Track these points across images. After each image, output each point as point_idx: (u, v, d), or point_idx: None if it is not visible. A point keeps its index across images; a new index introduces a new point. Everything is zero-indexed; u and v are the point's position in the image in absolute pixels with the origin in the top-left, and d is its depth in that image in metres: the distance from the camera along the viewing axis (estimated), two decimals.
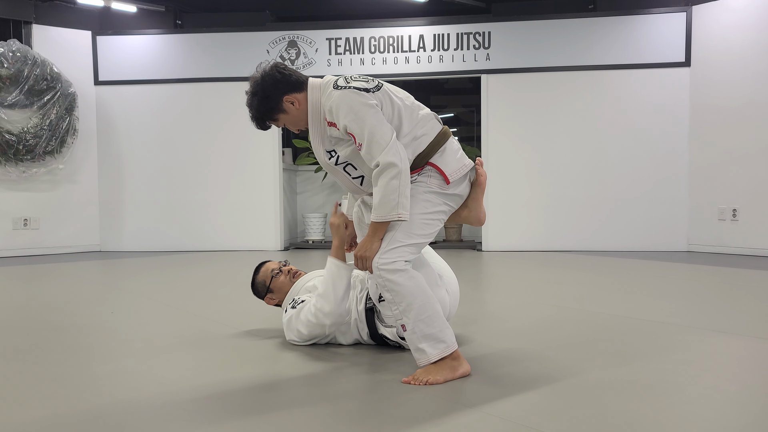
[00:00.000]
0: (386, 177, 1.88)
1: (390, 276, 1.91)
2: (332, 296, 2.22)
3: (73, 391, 1.89)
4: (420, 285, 1.94)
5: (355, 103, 1.92)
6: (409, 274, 1.94)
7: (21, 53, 5.94)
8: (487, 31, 6.26)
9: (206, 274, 4.73)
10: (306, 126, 2.08)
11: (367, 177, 2.06)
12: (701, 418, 1.61)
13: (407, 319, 1.93)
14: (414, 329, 1.93)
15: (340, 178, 2.12)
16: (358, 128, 1.91)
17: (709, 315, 2.95)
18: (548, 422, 1.57)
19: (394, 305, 1.94)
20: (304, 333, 2.31)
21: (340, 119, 1.94)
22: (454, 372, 1.94)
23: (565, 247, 6.20)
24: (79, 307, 3.40)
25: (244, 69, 6.50)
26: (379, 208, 1.89)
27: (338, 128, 1.96)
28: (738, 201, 5.68)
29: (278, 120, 2.06)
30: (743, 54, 5.61)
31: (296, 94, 2.02)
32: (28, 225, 6.28)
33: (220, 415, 1.66)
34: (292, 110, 2.03)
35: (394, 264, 1.92)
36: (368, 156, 1.91)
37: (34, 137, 6.02)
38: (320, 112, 2.02)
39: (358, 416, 1.65)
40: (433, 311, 1.95)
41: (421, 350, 1.94)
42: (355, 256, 1.98)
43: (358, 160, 2.03)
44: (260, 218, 6.59)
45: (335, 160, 2.05)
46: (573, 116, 6.20)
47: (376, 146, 1.89)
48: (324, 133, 2.04)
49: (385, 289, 1.94)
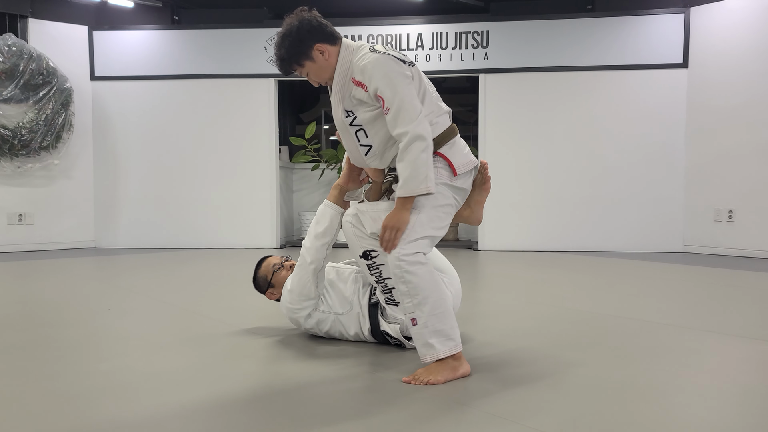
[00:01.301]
0: (416, 150, 1.89)
1: (410, 268, 1.90)
2: (312, 230, 2.28)
3: (69, 388, 1.87)
4: (437, 280, 1.95)
5: (392, 69, 1.93)
6: (429, 268, 1.94)
7: (17, 47, 5.89)
8: (486, 31, 6.26)
9: (202, 272, 4.71)
10: (328, 81, 2.06)
11: (375, 149, 2.05)
12: (701, 420, 1.61)
13: (420, 313, 1.92)
14: (426, 323, 1.92)
15: (348, 141, 2.10)
16: (390, 93, 1.91)
17: (706, 316, 2.96)
18: (548, 422, 1.57)
19: (408, 297, 1.92)
20: (291, 288, 2.32)
21: (372, 81, 1.93)
22: (455, 372, 1.93)
23: (562, 247, 6.21)
24: (74, 303, 3.38)
25: (241, 66, 6.49)
26: (410, 181, 1.89)
27: (366, 90, 1.95)
28: (734, 202, 5.70)
29: (303, 67, 2.02)
30: (741, 55, 5.63)
31: (328, 46, 2.01)
32: (22, 220, 6.24)
33: (219, 413, 1.65)
34: (320, 60, 2.01)
35: (415, 256, 1.91)
36: (394, 122, 1.91)
37: (29, 132, 5.98)
38: (348, 71, 2.01)
39: (359, 415, 1.64)
40: (446, 308, 1.95)
41: (430, 345, 1.92)
42: (384, 227, 1.93)
43: (373, 129, 2.02)
44: (256, 216, 6.57)
45: (351, 120, 2.04)
46: (570, 116, 6.20)
47: (406, 115, 1.90)
48: (346, 92, 2.02)
49: (401, 280, 1.91)
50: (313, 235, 2.28)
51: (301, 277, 2.29)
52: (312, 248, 2.27)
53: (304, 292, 2.31)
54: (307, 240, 2.31)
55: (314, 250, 2.27)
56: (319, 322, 2.37)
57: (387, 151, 2.06)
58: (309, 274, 2.28)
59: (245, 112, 6.53)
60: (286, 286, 2.36)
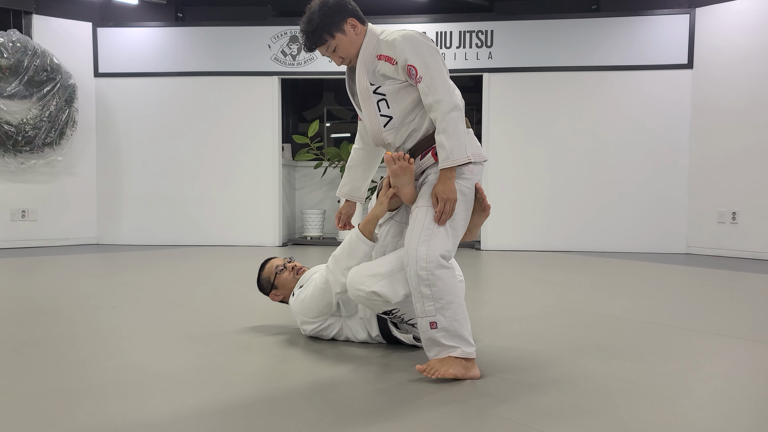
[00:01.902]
0: (455, 119, 1.92)
1: (437, 271, 1.90)
2: (343, 263, 2.16)
3: (77, 387, 1.87)
4: (458, 285, 1.95)
5: (423, 44, 1.96)
6: (453, 273, 1.94)
7: (21, 44, 5.89)
8: (490, 30, 6.25)
9: (206, 269, 4.71)
10: (352, 58, 2.06)
11: (395, 121, 2.05)
12: (712, 425, 1.61)
13: (441, 317, 1.91)
14: (447, 327, 1.92)
15: (369, 109, 2.08)
16: (422, 63, 1.93)
17: (712, 318, 2.96)
18: (556, 425, 1.57)
19: (431, 301, 1.91)
20: (310, 304, 2.27)
21: (403, 52, 1.95)
22: (466, 371, 1.93)
23: (565, 247, 6.21)
24: (78, 300, 3.38)
25: (245, 63, 6.49)
26: (455, 151, 1.90)
27: (394, 63, 1.97)
28: (738, 204, 5.70)
29: (334, 38, 2.03)
30: (746, 57, 5.61)
31: (358, 23, 2.05)
32: (26, 216, 6.24)
33: (228, 414, 1.65)
34: (350, 34, 2.03)
35: (441, 260, 1.91)
36: (427, 89, 1.92)
37: (33, 128, 5.98)
38: (374, 49, 2.03)
39: (368, 417, 1.64)
40: (466, 313, 1.96)
41: (446, 347, 1.93)
42: (441, 199, 1.92)
43: (395, 100, 2.03)
44: (259, 213, 6.57)
45: (375, 88, 2.04)
46: (574, 116, 6.19)
47: (441, 83, 1.93)
48: (371, 68, 2.04)
49: (426, 283, 1.90)
50: (344, 268, 2.16)
51: (323, 298, 2.24)
52: (344, 281, 2.17)
53: (325, 311, 2.29)
54: (335, 270, 2.18)
55: (345, 284, 2.17)
56: (325, 329, 2.36)
57: (404, 126, 2.06)
58: (333, 299, 2.24)
59: (248, 110, 6.52)
60: (303, 300, 2.31)
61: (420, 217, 1.96)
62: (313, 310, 2.29)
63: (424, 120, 2.04)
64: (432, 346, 1.96)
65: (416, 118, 2.04)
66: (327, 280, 2.21)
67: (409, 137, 2.07)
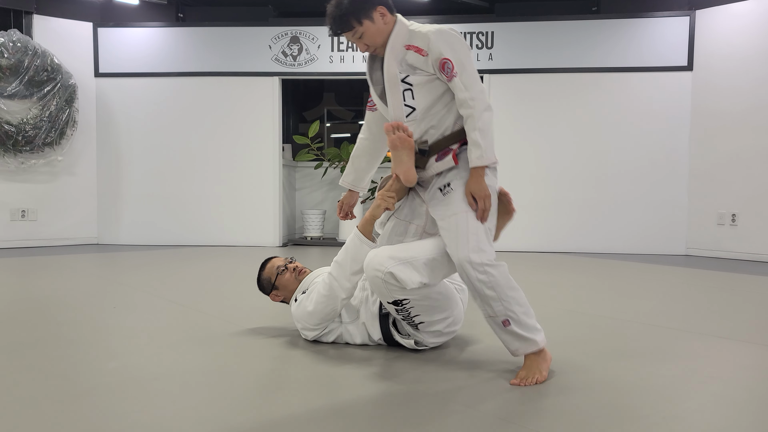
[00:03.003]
0: (488, 119, 1.95)
1: (493, 271, 1.92)
2: (348, 268, 2.14)
3: (79, 388, 1.88)
4: (511, 278, 1.97)
5: (458, 40, 1.99)
6: (504, 268, 1.96)
7: (21, 43, 5.89)
8: (491, 31, 6.26)
9: (206, 270, 4.71)
10: (378, 47, 2.05)
11: (417, 113, 2.05)
12: (713, 427, 1.61)
13: (512, 314, 1.94)
14: (519, 321, 1.95)
15: (394, 97, 2.06)
16: (458, 59, 1.95)
17: (712, 320, 2.96)
18: (555, 425, 1.57)
19: (497, 302, 1.93)
20: (313, 311, 2.23)
21: (438, 46, 1.95)
22: (547, 361, 1.99)
23: (565, 248, 6.21)
24: (80, 301, 3.38)
25: (246, 64, 6.49)
26: (487, 150, 1.94)
27: (425, 55, 1.97)
28: (737, 206, 5.70)
29: (362, 25, 2.01)
30: (746, 59, 5.62)
31: (387, 12, 2.04)
32: (25, 216, 6.24)
33: (229, 415, 1.65)
34: (378, 22, 2.02)
35: (492, 260, 1.94)
36: (464, 84, 1.94)
37: (33, 128, 5.98)
38: (404, 38, 2.03)
39: (367, 420, 1.64)
40: (527, 303, 1.99)
41: (526, 339, 1.96)
42: (479, 197, 1.95)
43: (421, 93, 2.03)
44: (259, 214, 6.57)
45: (403, 77, 2.03)
46: (574, 118, 6.20)
47: (477, 82, 1.96)
48: (399, 57, 2.03)
49: (488, 286, 1.91)
50: (349, 273, 2.14)
51: (327, 305, 2.21)
52: (349, 287, 2.16)
53: (329, 318, 2.27)
54: (340, 276, 2.16)
55: (351, 288, 2.17)
56: (325, 334, 2.36)
57: (425, 120, 2.06)
58: (338, 305, 2.21)
59: (249, 110, 6.52)
60: (306, 308, 2.27)
61: (462, 224, 1.96)
62: (316, 318, 2.26)
63: (445, 119, 2.05)
64: (512, 341, 1.98)
65: (437, 114, 2.05)
66: (331, 286, 2.17)
67: (427, 133, 2.07)
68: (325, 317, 2.26)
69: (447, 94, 2.04)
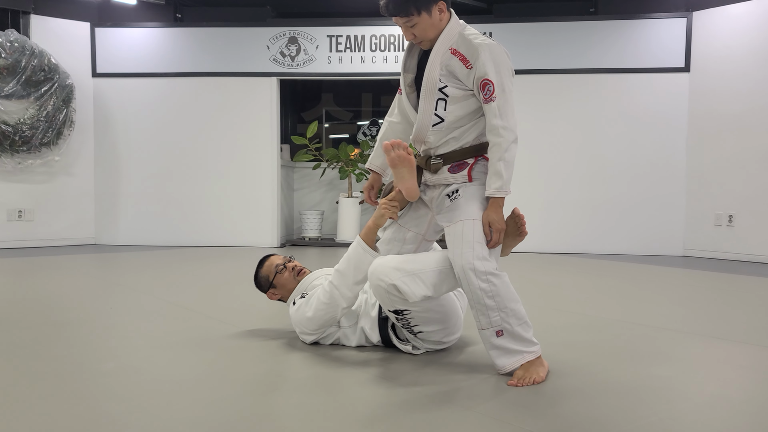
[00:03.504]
0: (514, 151, 1.94)
1: (495, 281, 1.93)
2: (351, 277, 2.12)
3: (75, 388, 1.87)
4: (514, 290, 1.97)
5: (505, 62, 1.95)
6: (506, 278, 1.97)
7: (19, 43, 5.88)
8: (488, 32, 6.25)
9: (203, 270, 4.71)
10: (428, 41, 2.01)
11: (444, 125, 2.02)
12: (709, 428, 1.61)
13: (507, 325, 1.94)
14: (513, 333, 1.95)
15: (427, 105, 2.02)
16: (500, 83, 1.92)
17: (709, 321, 2.97)
18: (550, 425, 1.57)
19: (495, 312, 1.93)
20: (313, 317, 2.22)
21: (484, 64, 1.91)
22: (544, 366, 1.99)
23: (563, 249, 6.22)
24: (76, 301, 3.37)
25: (244, 64, 6.48)
26: (508, 182, 1.93)
27: (469, 67, 1.94)
28: (734, 207, 5.71)
29: (419, 15, 1.95)
30: (742, 61, 5.63)
31: (446, 9, 2.00)
32: (22, 216, 6.23)
33: (225, 417, 1.65)
34: (435, 16, 1.97)
35: (495, 268, 1.94)
36: (498, 112, 1.91)
37: (30, 128, 5.97)
38: (451, 40, 1.99)
39: (364, 421, 1.64)
40: (526, 316, 1.99)
41: (517, 352, 1.95)
42: (496, 230, 1.96)
43: (453, 106, 2.00)
44: (257, 214, 6.56)
45: (441, 86, 1.99)
46: (572, 119, 6.21)
47: (512, 111, 1.93)
48: (444, 60, 1.99)
49: (489, 294, 1.92)
50: (352, 282, 2.13)
51: (327, 312, 2.19)
52: (351, 296, 2.16)
53: (328, 324, 2.26)
54: (341, 285, 2.14)
55: (353, 298, 2.16)
56: (324, 339, 2.36)
57: (451, 133, 2.03)
58: (338, 314, 2.20)
59: (247, 111, 6.52)
60: (306, 313, 2.26)
61: (468, 231, 1.96)
62: (315, 324, 2.25)
63: (468, 133, 2.03)
64: (499, 357, 1.97)
65: (463, 128, 2.02)
66: (332, 294, 2.16)
67: (447, 143, 2.06)
68: (324, 324, 2.25)
69: (478, 111, 2.02)
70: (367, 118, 8.00)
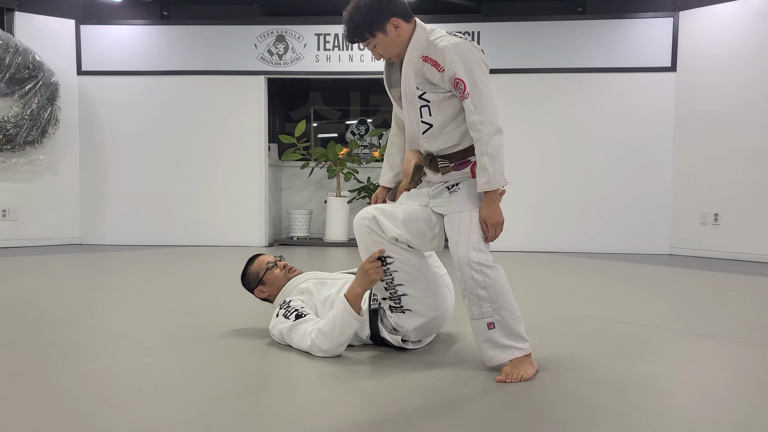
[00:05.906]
0: (499, 142, 1.93)
1: (489, 272, 1.94)
2: (335, 340, 2.13)
3: (61, 389, 1.85)
4: (507, 283, 1.98)
5: (474, 56, 1.93)
6: (501, 271, 1.98)
7: (3, 41, 5.80)
8: (477, 31, 6.27)
9: (190, 270, 4.68)
10: (395, 56, 2.03)
11: (433, 130, 2.03)
12: (695, 426, 1.62)
13: (498, 317, 1.95)
14: (505, 326, 1.96)
15: (411, 114, 2.05)
16: (471, 80, 1.91)
17: (696, 319, 2.99)
18: (537, 424, 1.57)
19: (487, 303, 1.94)
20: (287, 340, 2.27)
21: (452, 64, 1.91)
22: (533, 365, 1.99)
23: (550, 248, 6.24)
24: (61, 301, 3.34)
25: (231, 63, 6.45)
26: (497, 175, 1.92)
27: (441, 71, 1.94)
28: (720, 205, 5.77)
29: (375, 38, 1.99)
30: (729, 60, 5.68)
31: (402, 22, 1.99)
32: (7, 216, 6.15)
33: (213, 417, 1.64)
34: (392, 34, 1.98)
35: (490, 261, 1.96)
36: (473, 108, 1.91)
37: (14, 127, 5.90)
38: (420, 49, 1.99)
39: (352, 419, 1.63)
40: (518, 311, 2.00)
41: (507, 347, 1.96)
42: (491, 225, 1.96)
43: (437, 110, 2.01)
44: (245, 214, 6.53)
45: (420, 93, 2.01)
46: (559, 118, 6.23)
47: (487, 103, 1.91)
48: (417, 69, 2.00)
49: (481, 286, 1.94)
50: (336, 345, 2.12)
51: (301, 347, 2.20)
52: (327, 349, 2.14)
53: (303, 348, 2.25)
54: (323, 343, 2.13)
55: (328, 351, 2.14)
56: None
57: (441, 137, 2.04)
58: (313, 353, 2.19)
59: (235, 110, 6.48)
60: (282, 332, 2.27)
61: (465, 221, 1.99)
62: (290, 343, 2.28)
63: (463, 134, 2.02)
64: (490, 349, 1.98)
65: (455, 129, 2.02)
66: (310, 347, 2.16)
67: (445, 147, 2.06)
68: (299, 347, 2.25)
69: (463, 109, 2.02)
70: (355, 117, 7.98)
